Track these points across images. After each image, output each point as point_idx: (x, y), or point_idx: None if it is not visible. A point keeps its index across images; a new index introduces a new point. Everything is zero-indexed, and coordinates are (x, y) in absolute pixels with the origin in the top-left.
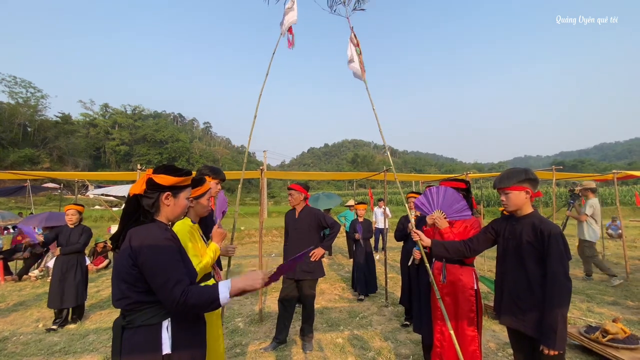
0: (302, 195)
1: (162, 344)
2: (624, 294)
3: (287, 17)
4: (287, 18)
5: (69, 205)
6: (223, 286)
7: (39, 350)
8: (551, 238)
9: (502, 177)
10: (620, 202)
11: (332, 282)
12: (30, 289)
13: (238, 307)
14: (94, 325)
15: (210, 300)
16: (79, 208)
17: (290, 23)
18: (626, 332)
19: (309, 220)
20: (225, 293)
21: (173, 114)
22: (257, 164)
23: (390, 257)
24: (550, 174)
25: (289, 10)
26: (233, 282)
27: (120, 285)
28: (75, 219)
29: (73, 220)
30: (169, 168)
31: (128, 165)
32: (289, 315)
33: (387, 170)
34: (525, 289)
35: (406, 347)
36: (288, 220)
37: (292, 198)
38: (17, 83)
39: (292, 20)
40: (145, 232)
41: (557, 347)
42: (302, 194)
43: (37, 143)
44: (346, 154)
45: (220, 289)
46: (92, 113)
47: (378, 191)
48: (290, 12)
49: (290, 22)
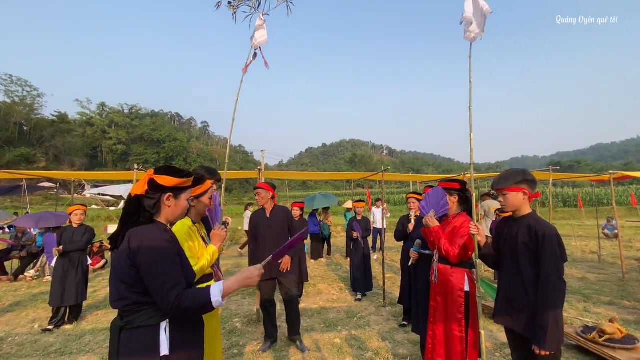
0: (270, 194)
1: (160, 345)
2: (620, 294)
3: (257, 33)
4: (257, 35)
5: (74, 206)
6: (215, 289)
7: (35, 351)
8: (545, 239)
9: (500, 178)
10: (616, 202)
11: (330, 282)
12: (26, 290)
13: (235, 308)
14: (90, 325)
15: (203, 304)
16: (84, 208)
17: (260, 43)
18: (623, 332)
19: (282, 218)
20: (217, 297)
21: (170, 113)
22: (255, 164)
23: (388, 257)
24: (547, 175)
25: (259, 28)
26: (226, 284)
27: (119, 285)
28: (83, 218)
29: (82, 220)
30: (171, 169)
31: (125, 164)
32: (272, 315)
33: (385, 171)
34: (519, 289)
35: (404, 348)
36: (258, 220)
37: (259, 197)
38: (14, 81)
39: (263, 40)
40: (144, 233)
41: (547, 347)
42: (269, 192)
43: (33, 142)
44: (344, 153)
45: (212, 293)
46: (88, 112)
47: (376, 191)
48: (260, 29)
49: (261, 43)
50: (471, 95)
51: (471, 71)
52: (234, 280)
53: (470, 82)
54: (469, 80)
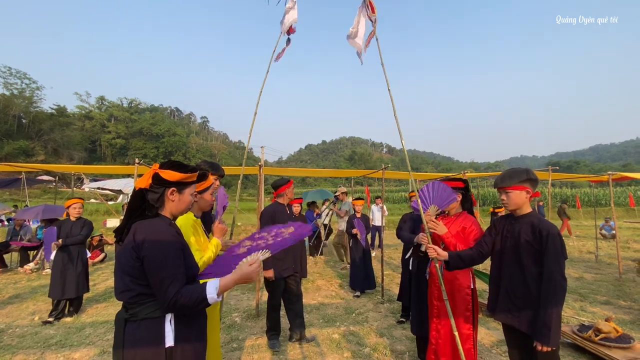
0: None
1: (165, 337)
2: (616, 294)
3: (287, 15)
4: (287, 17)
5: (72, 199)
6: (211, 286)
7: (35, 343)
8: (549, 237)
9: (504, 177)
10: (614, 203)
11: (329, 279)
12: (26, 282)
13: (235, 303)
14: (90, 318)
15: (199, 301)
16: (82, 201)
17: (291, 22)
18: (618, 331)
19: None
20: (212, 293)
21: (170, 108)
22: (255, 160)
23: (386, 254)
24: (546, 174)
25: (290, 9)
26: (222, 281)
27: (124, 278)
28: (81, 212)
29: (80, 213)
30: (176, 164)
31: (124, 159)
32: (279, 310)
33: (385, 168)
34: (521, 287)
35: (402, 344)
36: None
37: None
38: (12, 74)
39: (293, 19)
40: (149, 227)
41: (550, 344)
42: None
43: (31, 135)
44: (344, 151)
45: (208, 290)
46: (87, 105)
47: (375, 189)
48: (290, 11)
49: (291, 22)
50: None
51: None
52: (230, 277)
53: (389, 90)
54: (387, 88)
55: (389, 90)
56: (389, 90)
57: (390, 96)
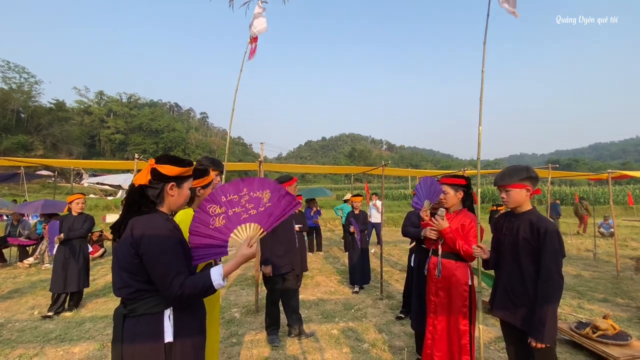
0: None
1: (165, 332)
2: (614, 291)
3: (255, 21)
4: (255, 23)
5: (74, 194)
6: (215, 272)
7: (35, 337)
8: (547, 235)
9: (504, 175)
10: (613, 201)
11: (328, 275)
12: (25, 277)
13: (234, 298)
14: (90, 313)
15: (205, 288)
16: (84, 197)
17: (259, 32)
18: (616, 328)
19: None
20: (218, 280)
21: (169, 103)
22: (254, 156)
23: (385, 250)
24: (546, 172)
25: (259, 15)
26: (225, 267)
27: (122, 274)
28: (83, 207)
29: (82, 209)
30: (172, 158)
31: (123, 154)
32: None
33: (385, 165)
34: (519, 284)
35: (400, 340)
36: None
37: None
38: (11, 68)
39: (262, 29)
40: (147, 222)
41: (545, 341)
42: None
43: (30, 130)
44: (343, 147)
45: (213, 277)
46: (86, 100)
47: (374, 185)
48: (259, 17)
49: (260, 31)
50: (482, 86)
51: (484, 60)
52: (232, 262)
53: (483, 71)
54: (482, 69)
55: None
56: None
57: (481, 106)
